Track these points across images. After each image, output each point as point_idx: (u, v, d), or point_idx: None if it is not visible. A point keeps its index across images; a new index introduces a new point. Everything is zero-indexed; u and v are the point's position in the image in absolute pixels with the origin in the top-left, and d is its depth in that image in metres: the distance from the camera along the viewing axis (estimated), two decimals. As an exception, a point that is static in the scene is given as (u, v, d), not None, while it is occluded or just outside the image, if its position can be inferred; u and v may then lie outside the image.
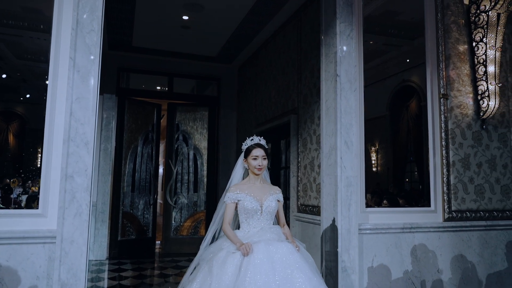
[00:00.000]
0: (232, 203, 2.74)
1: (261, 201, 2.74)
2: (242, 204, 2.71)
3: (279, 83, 5.43)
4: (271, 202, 2.77)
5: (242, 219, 2.76)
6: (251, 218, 2.72)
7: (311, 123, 4.40)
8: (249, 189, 2.77)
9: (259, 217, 2.73)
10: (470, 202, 3.78)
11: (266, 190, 2.83)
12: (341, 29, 3.42)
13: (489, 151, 3.91)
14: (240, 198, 2.72)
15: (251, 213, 2.71)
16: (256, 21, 5.43)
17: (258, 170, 2.77)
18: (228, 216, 2.71)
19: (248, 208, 2.69)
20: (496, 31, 3.75)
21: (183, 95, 7.58)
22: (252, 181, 2.83)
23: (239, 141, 7.19)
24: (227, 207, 2.74)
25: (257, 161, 2.76)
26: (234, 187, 2.80)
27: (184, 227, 7.09)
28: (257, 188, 2.80)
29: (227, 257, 2.45)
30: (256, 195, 2.75)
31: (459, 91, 3.86)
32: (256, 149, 2.79)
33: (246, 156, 2.83)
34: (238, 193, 2.73)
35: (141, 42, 6.35)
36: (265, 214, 2.74)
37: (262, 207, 2.74)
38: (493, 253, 3.81)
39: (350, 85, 3.40)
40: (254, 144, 2.83)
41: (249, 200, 2.71)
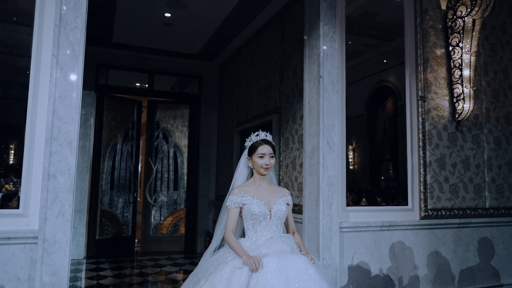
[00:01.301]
0: (236, 207, 2.42)
1: (269, 205, 2.42)
2: (248, 208, 2.39)
3: (261, 82, 5.46)
4: (280, 205, 2.45)
5: (248, 226, 2.44)
6: (259, 224, 2.39)
7: (293, 122, 4.46)
8: (255, 191, 2.45)
9: (267, 223, 2.40)
10: (445, 200, 3.93)
11: (274, 192, 2.51)
12: (324, 31, 3.48)
13: (464, 151, 4.07)
14: (246, 202, 2.40)
15: (259, 218, 2.38)
16: (238, 20, 5.44)
17: (265, 170, 2.46)
18: (231, 223, 2.39)
19: (256, 212, 2.36)
20: (471, 36, 3.90)
21: (163, 92, 7.51)
22: (257, 182, 2.50)
23: (220, 139, 7.19)
24: (230, 213, 2.42)
25: (263, 160, 2.45)
26: (238, 189, 2.47)
27: (163, 226, 7.05)
28: (264, 190, 2.48)
29: (233, 274, 2.12)
30: (263, 198, 2.43)
31: (436, 93, 3.99)
32: (263, 146, 2.47)
33: (251, 154, 2.51)
34: (242, 196, 2.41)
35: (121, 39, 6.25)
36: (274, 219, 2.41)
37: (271, 212, 2.41)
38: (466, 249, 3.98)
39: (333, 86, 3.47)
40: (260, 140, 2.51)
41: (256, 204, 2.38)
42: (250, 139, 2.57)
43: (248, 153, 2.55)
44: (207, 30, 5.85)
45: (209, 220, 7.20)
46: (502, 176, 4.23)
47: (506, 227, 4.18)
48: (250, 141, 2.56)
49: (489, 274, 4.04)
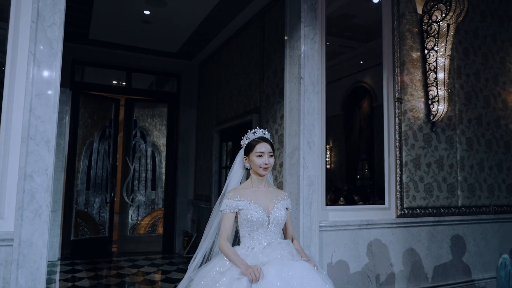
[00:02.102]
0: (231, 213, 2.21)
1: (268, 210, 2.23)
2: (244, 214, 2.19)
3: (241, 82, 5.47)
4: (280, 210, 2.26)
5: (244, 233, 2.24)
6: (256, 231, 2.19)
7: (273, 122, 4.48)
8: (252, 194, 2.25)
9: (265, 230, 2.20)
10: (420, 199, 4.04)
11: (273, 195, 2.31)
12: (305, 33, 3.52)
13: (438, 152, 4.20)
14: (242, 207, 2.20)
15: (256, 225, 2.18)
16: (218, 19, 5.42)
17: (263, 170, 2.26)
18: (226, 229, 2.18)
19: (253, 219, 2.16)
20: (446, 40, 4.03)
21: (141, 90, 7.41)
22: (255, 185, 2.31)
23: (198, 138, 7.16)
24: (225, 219, 2.21)
25: (262, 159, 2.25)
26: (234, 192, 2.25)
27: (141, 226, 6.96)
28: (262, 193, 2.28)
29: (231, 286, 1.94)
30: (261, 203, 2.23)
31: (412, 95, 4.10)
32: (261, 144, 2.28)
33: (248, 153, 2.31)
34: (238, 200, 2.21)
35: (98, 35, 6.12)
36: (272, 226, 2.21)
37: (270, 218, 2.22)
38: (439, 246, 4.11)
39: (313, 87, 3.51)
40: (258, 138, 2.32)
41: (254, 209, 2.18)
42: (246, 137, 2.37)
43: (245, 152, 2.35)
44: (186, 28, 5.80)
45: (188, 220, 7.15)
46: (473, 176, 4.39)
47: (477, 224, 4.35)
48: (247, 139, 2.37)
49: (461, 270, 4.19)
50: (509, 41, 4.87)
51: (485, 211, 4.42)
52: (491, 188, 4.50)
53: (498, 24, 4.79)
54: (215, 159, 6.25)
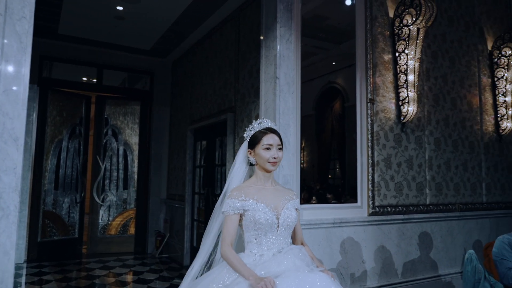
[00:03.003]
0: (235, 214, 1.93)
1: (277, 211, 1.97)
2: (251, 215, 1.92)
3: (216, 81, 5.44)
4: (290, 211, 2.00)
5: (250, 238, 1.96)
6: (264, 236, 1.92)
7: (248, 122, 4.49)
8: (258, 193, 1.98)
9: (274, 234, 1.94)
10: (391, 198, 4.16)
11: (281, 194, 2.06)
12: (281, 33, 3.55)
13: (407, 152, 4.33)
14: (248, 207, 1.93)
15: (265, 228, 1.91)
16: (194, 17, 5.38)
17: (272, 165, 2.00)
18: (230, 234, 1.90)
19: (261, 221, 1.90)
20: (416, 44, 4.16)
21: (113, 87, 7.25)
22: (261, 182, 2.04)
23: (172, 137, 7.08)
24: (228, 221, 1.93)
25: (270, 152, 1.99)
26: (238, 191, 1.98)
27: (112, 226, 6.81)
28: (270, 192, 2.02)
29: None
30: (269, 203, 1.97)
31: (383, 96, 4.21)
32: (269, 135, 2.02)
33: (253, 146, 2.04)
34: (243, 199, 1.94)
35: (68, 30, 5.94)
36: (282, 229, 1.95)
37: (279, 220, 1.95)
38: (409, 243, 4.24)
39: (289, 87, 3.55)
40: (265, 129, 2.05)
41: (262, 210, 1.92)
42: (251, 127, 2.11)
43: (249, 145, 2.07)
44: (160, 25, 5.73)
45: (160, 220, 7.06)
46: (441, 175, 4.55)
47: (444, 221, 4.52)
48: (252, 130, 2.10)
49: (429, 265, 4.34)
50: (474, 46, 5.09)
51: (451, 208, 4.60)
52: (457, 187, 4.68)
53: (464, 29, 4.99)
54: (189, 158, 6.20)
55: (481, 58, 5.15)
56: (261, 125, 2.10)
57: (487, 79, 5.18)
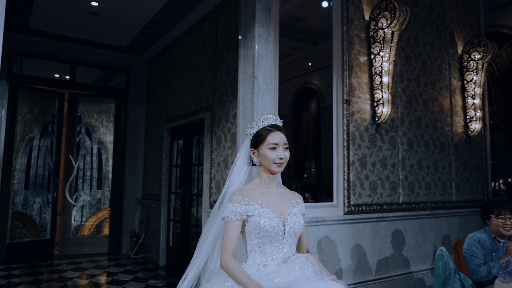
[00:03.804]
0: (237, 220, 1.75)
1: (283, 217, 1.81)
2: (255, 222, 1.75)
3: (193, 79, 5.41)
4: (297, 217, 1.85)
5: (253, 246, 1.80)
6: (269, 244, 1.77)
7: (226, 121, 4.49)
8: (262, 197, 1.81)
9: (280, 243, 1.78)
10: (366, 197, 4.25)
11: (286, 198, 1.90)
12: (259, 33, 3.57)
13: (382, 152, 4.44)
14: (252, 213, 1.76)
15: (270, 236, 1.75)
16: (171, 15, 5.32)
17: (278, 167, 1.83)
18: (231, 242, 1.72)
19: (267, 228, 1.74)
20: (390, 46, 4.26)
21: (87, 85, 7.08)
22: (265, 185, 1.87)
23: (148, 136, 6.98)
24: (229, 228, 1.74)
25: (276, 152, 1.82)
26: (240, 194, 1.80)
27: (85, 227, 6.65)
28: (274, 196, 1.86)
29: None
30: (275, 207, 1.80)
31: (359, 97, 4.30)
32: (275, 134, 1.84)
33: (257, 145, 1.86)
34: (247, 203, 1.76)
35: (40, 25, 5.76)
36: (288, 237, 1.79)
37: (285, 227, 1.79)
38: (382, 241, 4.35)
39: (267, 87, 3.57)
40: (270, 126, 1.87)
41: (267, 216, 1.75)
42: (254, 123, 1.92)
43: (252, 144, 1.89)
44: (137, 22, 5.64)
45: (136, 220, 6.96)
46: (413, 174, 4.69)
47: (415, 220, 4.65)
48: (256, 126, 1.90)
49: (401, 263, 4.46)
50: (445, 50, 5.26)
51: (423, 207, 4.74)
52: (428, 186, 4.83)
53: (435, 34, 5.16)
54: (165, 157, 6.13)
55: (452, 62, 5.34)
56: (265, 121, 1.90)
57: (457, 82, 5.37)
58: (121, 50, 6.76)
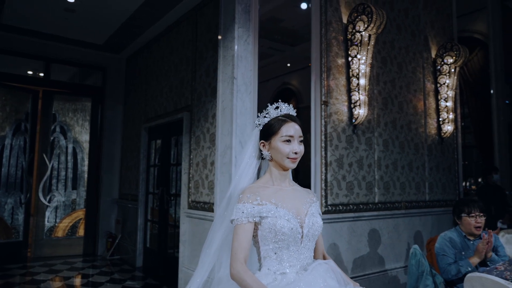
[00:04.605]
0: (249, 223, 1.54)
1: (300, 218, 1.61)
2: (270, 224, 1.54)
3: (172, 79, 5.37)
4: (315, 217, 1.66)
5: (268, 252, 1.58)
6: (286, 249, 1.56)
7: (205, 121, 4.48)
8: (275, 195, 1.61)
9: (298, 247, 1.58)
10: (342, 196, 4.33)
11: (301, 196, 1.70)
12: (239, 34, 3.58)
13: (358, 152, 4.53)
14: (266, 213, 1.55)
15: (287, 240, 1.55)
16: (150, 13, 5.27)
17: (292, 162, 1.63)
18: (243, 248, 1.51)
19: (284, 231, 1.53)
20: (367, 49, 4.35)
21: (62, 83, 6.91)
22: (277, 182, 1.67)
23: (125, 135, 6.88)
24: (240, 232, 1.53)
25: (291, 146, 1.62)
26: (251, 192, 1.59)
27: (59, 228, 6.50)
28: (288, 194, 1.66)
29: None
30: (290, 207, 1.60)
31: (337, 99, 4.37)
32: (289, 124, 1.64)
33: (268, 137, 1.66)
34: (259, 203, 1.55)
35: (13, 20, 5.59)
36: (306, 240, 1.60)
37: (303, 229, 1.59)
38: (359, 240, 4.44)
39: (246, 87, 3.59)
40: (284, 116, 1.67)
41: (284, 217, 1.55)
42: (266, 113, 1.71)
43: (263, 136, 1.68)
44: (114, 20, 5.55)
45: (112, 220, 6.85)
46: (388, 174, 4.80)
47: (390, 219, 4.77)
48: (267, 116, 1.70)
49: (377, 261, 4.56)
50: (419, 53, 5.41)
51: (398, 206, 4.86)
52: (403, 186, 4.96)
53: (410, 38, 5.30)
54: (143, 157, 6.06)
55: (426, 65, 5.49)
56: (278, 110, 1.69)
57: (431, 85, 5.53)
58: (98, 47, 6.64)
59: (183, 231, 4.66)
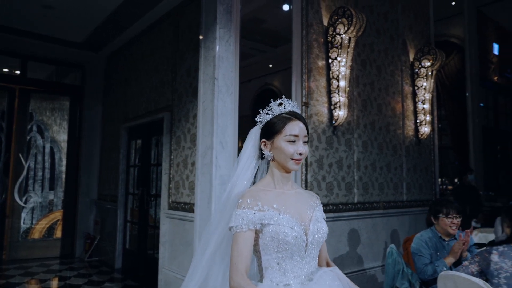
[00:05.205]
0: (250, 230, 1.41)
1: (304, 224, 1.50)
2: (272, 232, 1.42)
3: (153, 78, 5.32)
4: (320, 223, 1.56)
5: (270, 262, 1.46)
6: (290, 259, 1.44)
7: (185, 121, 4.46)
8: (277, 199, 1.49)
9: (302, 256, 1.47)
10: (322, 197, 4.38)
11: (304, 200, 1.59)
12: (220, 34, 3.58)
13: (338, 153, 4.59)
14: (268, 220, 1.43)
15: (291, 249, 1.43)
16: (130, 12, 5.21)
17: (295, 164, 1.51)
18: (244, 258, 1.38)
19: (288, 239, 1.41)
20: (347, 52, 4.42)
21: (39, 81, 6.76)
22: (279, 185, 1.55)
23: (105, 135, 6.78)
24: (240, 241, 1.40)
25: (295, 146, 1.50)
26: (251, 197, 1.46)
27: (36, 229, 6.35)
28: (291, 198, 1.53)
29: None
30: (294, 213, 1.48)
31: (317, 100, 4.42)
32: (294, 123, 1.52)
33: (271, 136, 1.54)
34: (260, 209, 1.43)
35: (-13, 16, 5.44)
36: (311, 248, 1.49)
37: (307, 236, 1.48)
38: (338, 240, 4.50)
39: (227, 88, 3.59)
40: (288, 114, 1.55)
41: (287, 224, 1.43)
42: (269, 109, 1.59)
43: (265, 135, 1.56)
44: (94, 18, 5.46)
45: (90, 221, 6.74)
46: (367, 175, 4.88)
47: (369, 219, 4.85)
48: (270, 113, 1.58)
49: (356, 260, 4.64)
50: (398, 57, 5.52)
51: (376, 206, 4.95)
52: (381, 186, 5.05)
53: (389, 41, 5.40)
54: (122, 157, 5.99)
55: (404, 68, 5.61)
56: (282, 107, 1.56)
57: (408, 87, 5.65)
58: (77, 45, 6.51)
59: (163, 232, 4.62)
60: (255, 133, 1.62)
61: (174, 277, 4.29)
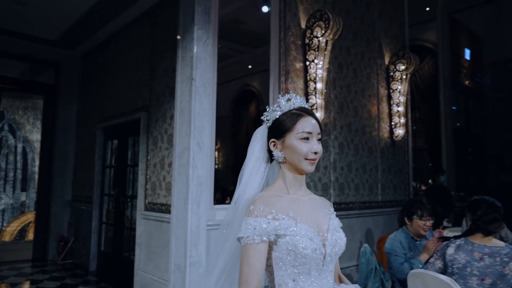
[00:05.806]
0: (262, 242, 1.23)
1: (322, 234, 1.32)
2: (289, 244, 1.24)
3: (130, 78, 5.25)
4: (338, 233, 1.37)
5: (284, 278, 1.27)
6: (307, 274, 1.27)
7: (163, 122, 4.42)
8: (292, 206, 1.31)
9: (320, 270, 1.29)
10: (299, 198, 4.42)
11: (319, 206, 1.42)
12: (198, 35, 3.57)
13: (315, 154, 4.64)
14: (284, 230, 1.24)
15: (309, 263, 1.26)
16: (107, 9, 5.13)
17: (310, 164, 1.34)
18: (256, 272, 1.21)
19: (307, 252, 1.24)
20: (324, 54, 4.48)
21: (10, 79, 6.56)
22: (292, 190, 1.37)
23: (80, 135, 6.64)
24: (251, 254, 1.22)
25: (309, 144, 1.33)
26: (263, 204, 1.27)
27: (7, 232, 6.18)
28: (306, 205, 1.36)
29: None
30: (311, 222, 1.31)
31: (294, 102, 4.46)
32: (306, 119, 1.36)
33: (281, 135, 1.37)
34: (275, 217, 1.25)
35: (-44, 11, 5.26)
36: (329, 261, 1.32)
37: (326, 247, 1.31)
38: (314, 240, 4.55)
39: (205, 89, 3.58)
40: (298, 110, 1.38)
41: (305, 235, 1.26)
42: (277, 105, 1.41)
43: (273, 134, 1.39)
44: (69, 15, 5.35)
45: (64, 223, 6.58)
46: (343, 176, 4.96)
47: (345, 219, 4.92)
48: (279, 110, 1.40)
49: (331, 260, 4.70)
50: (373, 60, 5.64)
51: (352, 207, 5.04)
52: (357, 187, 5.14)
53: (366, 44, 5.51)
54: (98, 158, 5.88)
55: (380, 71, 5.73)
56: (290, 102, 1.39)
57: (384, 90, 5.77)
58: (52, 43, 6.36)
59: (139, 233, 4.57)
60: (261, 133, 1.44)
61: (150, 279, 4.25)
